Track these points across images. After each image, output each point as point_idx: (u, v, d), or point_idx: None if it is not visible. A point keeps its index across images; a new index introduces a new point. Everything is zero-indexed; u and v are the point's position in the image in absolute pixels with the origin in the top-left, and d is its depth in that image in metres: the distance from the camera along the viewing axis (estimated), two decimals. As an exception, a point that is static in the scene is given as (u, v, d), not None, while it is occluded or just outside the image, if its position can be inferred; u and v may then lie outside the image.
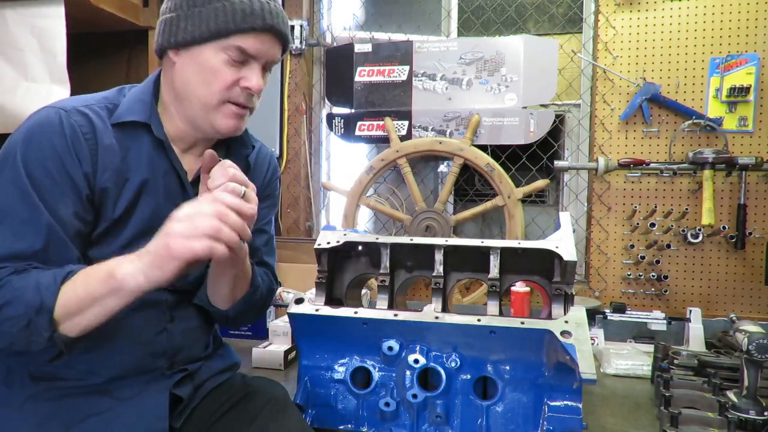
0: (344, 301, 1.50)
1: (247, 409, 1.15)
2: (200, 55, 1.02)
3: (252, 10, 0.99)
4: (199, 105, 1.04)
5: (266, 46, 1.04)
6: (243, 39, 1.01)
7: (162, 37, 1.05)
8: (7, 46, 2.16)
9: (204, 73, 1.02)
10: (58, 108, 1.00)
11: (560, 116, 2.53)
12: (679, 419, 1.32)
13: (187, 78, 1.04)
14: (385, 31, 2.76)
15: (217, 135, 1.09)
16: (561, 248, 1.32)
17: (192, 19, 1.00)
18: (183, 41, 1.02)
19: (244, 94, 1.04)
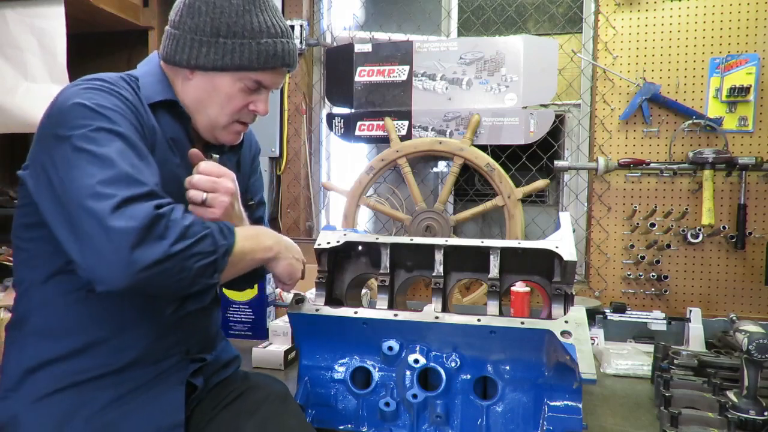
0: (344, 301, 1.50)
1: (249, 403, 1.17)
2: (217, 80, 1.10)
3: (275, 53, 1.10)
4: (208, 120, 1.13)
5: (279, 79, 1.16)
6: (262, 75, 1.11)
7: (180, 54, 1.10)
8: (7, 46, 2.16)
9: (218, 97, 1.11)
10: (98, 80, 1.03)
11: (560, 116, 2.53)
12: (679, 419, 1.32)
13: (201, 96, 1.12)
14: (385, 31, 2.76)
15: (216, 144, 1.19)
16: (561, 248, 1.32)
17: (216, 48, 1.07)
18: (204, 66, 1.09)
19: (251, 116, 1.17)
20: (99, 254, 0.85)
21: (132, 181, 0.90)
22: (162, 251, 0.87)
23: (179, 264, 0.89)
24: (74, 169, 0.90)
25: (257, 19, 1.08)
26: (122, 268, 0.84)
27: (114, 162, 0.90)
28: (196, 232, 0.92)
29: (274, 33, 1.09)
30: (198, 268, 0.91)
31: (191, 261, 0.90)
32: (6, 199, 2.49)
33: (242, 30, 1.07)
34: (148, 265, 0.85)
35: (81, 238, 0.87)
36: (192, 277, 0.92)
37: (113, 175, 0.89)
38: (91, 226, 0.86)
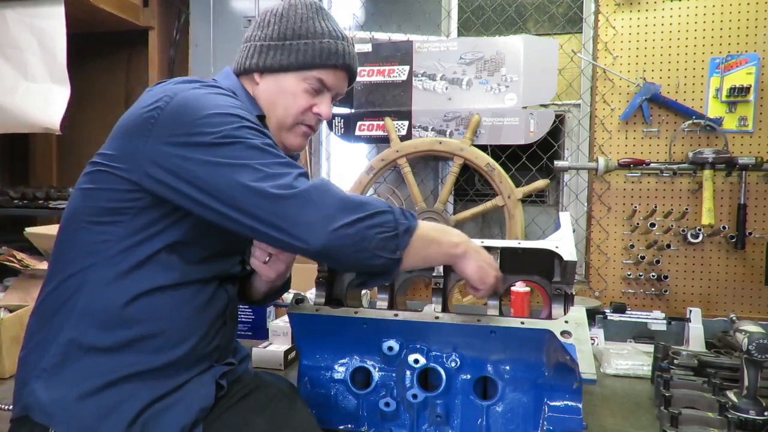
0: (344, 301, 1.50)
1: (259, 400, 1.19)
2: (284, 81, 1.17)
3: (336, 50, 1.17)
4: (276, 122, 1.18)
5: (340, 81, 1.22)
6: (324, 73, 1.18)
7: (250, 60, 1.19)
8: (7, 46, 2.16)
9: (285, 98, 1.17)
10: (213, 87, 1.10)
11: (560, 116, 2.53)
12: (679, 419, 1.32)
13: (269, 98, 1.18)
14: (385, 31, 2.76)
15: (284, 150, 1.19)
16: (561, 248, 1.32)
17: (282, 50, 1.16)
18: (271, 67, 1.17)
19: (314, 119, 1.21)
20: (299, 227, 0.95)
21: (289, 164, 0.99)
22: (350, 215, 0.96)
23: (362, 232, 0.96)
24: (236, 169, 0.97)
25: (320, 24, 1.17)
26: (321, 227, 0.94)
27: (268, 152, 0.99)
28: (378, 205, 0.99)
29: (335, 36, 1.18)
30: (379, 239, 0.98)
31: (373, 231, 0.97)
32: (6, 199, 2.49)
33: (306, 32, 1.16)
34: (341, 225, 0.95)
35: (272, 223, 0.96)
36: (373, 248, 0.98)
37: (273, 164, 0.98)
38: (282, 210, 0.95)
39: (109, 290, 1.02)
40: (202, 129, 0.98)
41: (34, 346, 1.05)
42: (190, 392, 1.08)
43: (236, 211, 0.97)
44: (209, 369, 1.13)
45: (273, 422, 1.14)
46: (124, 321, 1.03)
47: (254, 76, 1.19)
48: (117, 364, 1.01)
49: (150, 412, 1.01)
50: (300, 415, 1.19)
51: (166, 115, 1.00)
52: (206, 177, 0.97)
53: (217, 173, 0.97)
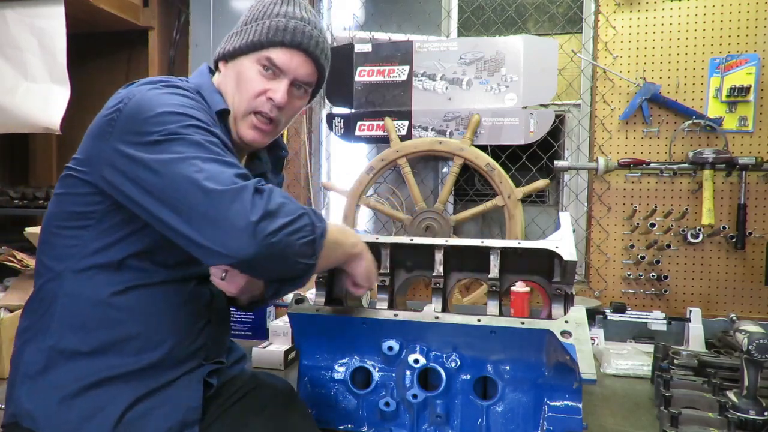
0: (344, 301, 1.50)
1: (256, 401, 1.19)
2: (240, 65, 1.14)
3: (285, 27, 1.12)
4: (233, 112, 1.15)
5: (294, 63, 1.13)
6: (273, 51, 1.12)
7: (218, 50, 1.19)
8: (7, 46, 2.16)
9: (239, 82, 1.13)
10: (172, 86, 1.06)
11: (560, 116, 2.53)
12: (679, 419, 1.32)
13: (227, 84, 1.16)
14: (385, 31, 2.76)
15: (241, 144, 1.17)
16: (561, 248, 1.32)
17: (241, 34, 1.14)
18: (230, 53, 1.15)
19: (268, 105, 1.14)
20: (224, 229, 0.89)
21: (229, 164, 0.95)
22: (275, 221, 0.90)
23: (285, 239, 0.91)
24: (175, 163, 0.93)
25: (282, 7, 1.14)
26: (250, 236, 0.88)
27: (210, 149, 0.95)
28: (297, 209, 0.95)
29: (291, 15, 1.13)
30: (300, 245, 0.94)
31: (295, 237, 0.93)
32: (6, 199, 2.49)
33: (263, 15, 1.13)
34: (270, 233, 0.89)
35: (200, 221, 0.90)
36: (295, 255, 0.94)
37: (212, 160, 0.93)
38: (212, 206, 0.89)
39: (82, 295, 1.02)
40: (149, 128, 0.96)
41: (20, 351, 1.06)
42: (177, 392, 1.07)
43: (167, 209, 0.93)
44: (197, 368, 1.12)
45: (271, 424, 1.13)
46: (101, 325, 1.02)
47: (220, 66, 1.18)
48: (98, 367, 1.01)
49: (134, 413, 1.01)
50: (298, 415, 1.19)
51: (123, 116, 0.99)
52: (145, 175, 0.94)
53: (155, 170, 0.94)
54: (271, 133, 1.19)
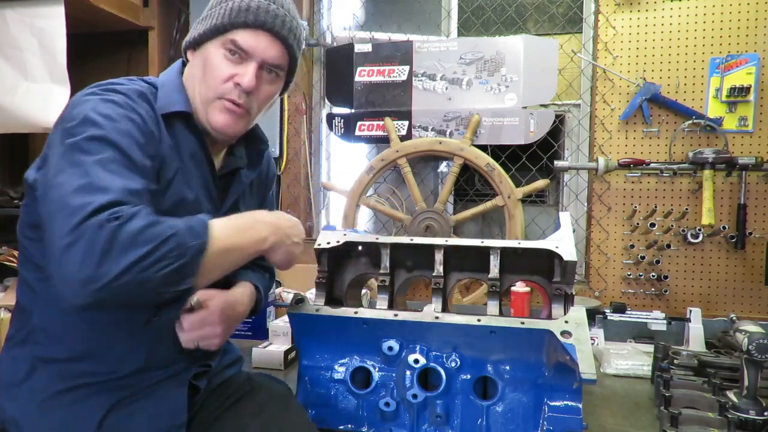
0: (344, 301, 1.50)
1: (253, 403, 1.17)
2: (205, 52, 1.08)
3: (248, 7, 1.05)
4: (200, 99, 1.08)
5: (261, 45, 1.06)
6: (237, 34, 1.05)
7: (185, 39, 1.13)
8: (7, 46, 2.16)
9: (206, 68, 1.07)
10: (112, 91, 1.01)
11: (560, 116, 2.53)
12: (679, 419, 1.32)
13: (194, 73, 1.10)
14: (385, 31, 2.76)
15: (213, 132, 1.10)
16: (561, 248, 1.32)
17: (205, 19, 1.09)
18: (195, 40, 1.10)
19: (236, 91, 1.06)
20: (60, 271, 0.81)
21: (100, 190, 0.85)
22: (119, 267, 0.80)
23: (138, 276, 0.81)
24: (58, 175, 0.88)
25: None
26: (79, 288, 0.79)
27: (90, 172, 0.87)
28: (157, 234, 0.83)
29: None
30: (162, 276, 0.83)
31: (152, 270, 0.82)
32: (6, 199, 2.49)
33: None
34: (105, 283, 0.79)
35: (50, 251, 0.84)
36: (156, 287, 0.83)
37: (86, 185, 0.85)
38: (55, 241, 0.82)
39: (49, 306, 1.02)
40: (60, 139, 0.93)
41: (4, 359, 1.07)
42: (160, 397, 1.06)
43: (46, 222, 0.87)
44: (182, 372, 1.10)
45: (267, 427, 1.12)
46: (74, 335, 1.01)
47: (188, 55, 1.12)
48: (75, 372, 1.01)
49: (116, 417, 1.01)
50: (295, 418, 1.17)
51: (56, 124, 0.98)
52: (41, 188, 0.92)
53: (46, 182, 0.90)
54: (244, 118, 1.10)
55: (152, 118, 1.03)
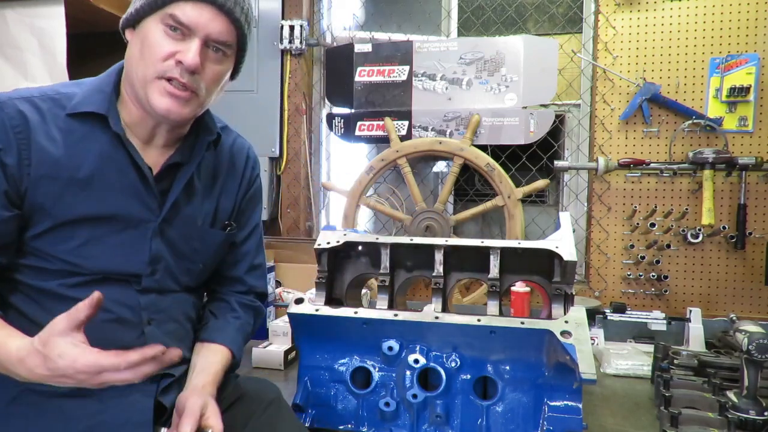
0: (344, 301, 1.50)
1: (241, 412, 1.13)
2: (144, 29, 0.99)
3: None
4: (138, 81, 1.00)
5: (204, 19, 0.98)
6: (177, 7, 0.97)
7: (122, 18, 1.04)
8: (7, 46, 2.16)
9: (144, 47, 0.99)
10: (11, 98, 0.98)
11: (560, 116, 2.53)
12: (679, 419, 1.32)
13: (132, 54, 1.01)
14: (385, 31, 2.76)
15: (156, 116, 1.02)
16: (561, 248, 1.32)
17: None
18: (131, 17, 1.01)
19: (178, 69, 0.98)
20: None
21: None
22: None
23: None
24: None
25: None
26: None
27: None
28: None
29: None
30: None
31: None
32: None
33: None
34: None
35: None
36: None
37: None
38: None
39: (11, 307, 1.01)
40: None
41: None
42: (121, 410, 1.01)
43: None
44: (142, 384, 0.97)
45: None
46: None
47: (127, 36, 1.04)
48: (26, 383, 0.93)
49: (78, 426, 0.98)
50: (286, 424, 1.13)
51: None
52: None
53: None
54: (191, 102, 1.01)
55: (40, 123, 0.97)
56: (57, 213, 0.99)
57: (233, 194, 1.22)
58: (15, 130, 0.96)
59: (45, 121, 0.99)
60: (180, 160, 1.09)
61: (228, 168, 1.20)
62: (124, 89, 1.05)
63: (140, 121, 1.05)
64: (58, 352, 0.82)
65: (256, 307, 1.30)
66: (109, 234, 1.02)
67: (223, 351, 1.16)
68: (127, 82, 1.04)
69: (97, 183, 1.01)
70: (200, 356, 1.14)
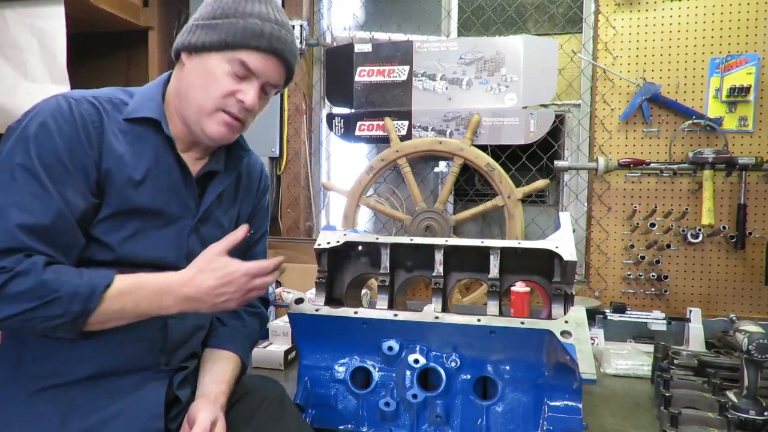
0: (344, 301, 1.50)
1: (244, 409, 1.16)
2: (208, 61, 1.09)
3: (261, 32, 1.08)
4: (195, 107, 1.09)
5: (268, 68, 1.10)
6: (247, 55, 1.08)
7: (180, 39, 1.13)
8: (7, 46, 2.16)
9: (206, 78, 1.08)
10: (67, 97, 1.05)
11: (560, 116, 2.53)
12: (679, 419, 1.32)
13: (192, 80, 1.10)
14: (385, 31, 2.76)
15: (206, 140, 1.13)
16: (561, 248, 1.32)
17: (210, 28, 1.08)
18: (195, 45, 1.09)
19: (237, 106, 1.10)
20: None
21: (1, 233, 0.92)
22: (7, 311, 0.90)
23: (22, 323, 0.92)
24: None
25: (253, 6, 1.09)
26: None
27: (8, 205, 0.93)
28: (42, 295, 0.92)
29: (266, 17, 1.09)
30: (44, 328, 0.93)
31: (35, 322, 0.92)
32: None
33: (235, 12, 1.08)
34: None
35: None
36: (41, 331, 0.94)
37: None
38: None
39: None
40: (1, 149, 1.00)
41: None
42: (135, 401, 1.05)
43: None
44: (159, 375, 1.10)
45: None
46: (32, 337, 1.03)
47: (183, 57, 1.12)
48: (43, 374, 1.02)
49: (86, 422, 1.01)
50: (289, 422, 1.16)
51: None
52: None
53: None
54: (239, 130, 1.15)
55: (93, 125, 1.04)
56: (116, 202, 1.05)
57: (250, 203, 1.32)
58: (93, 125, 1.04)
59: (110, 121, 1.07)
60: (216, 168, 1.19)
61: (246, 179, 1.30)
62: (171, 104, 1.14)
63: (182, 134, 1.14)
64: (223, 263, 1.02)
65: (260, 314, 1.34)
66: (153, 228, 1.08)
67: (234, 359, 1.21)
68: (179, 100, 1.12)
69: (149, 180, 1.09)
70: (213, 362, 1.18)
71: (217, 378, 1.14)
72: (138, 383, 1.07)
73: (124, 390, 1.05)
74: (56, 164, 0.98)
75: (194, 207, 1.15)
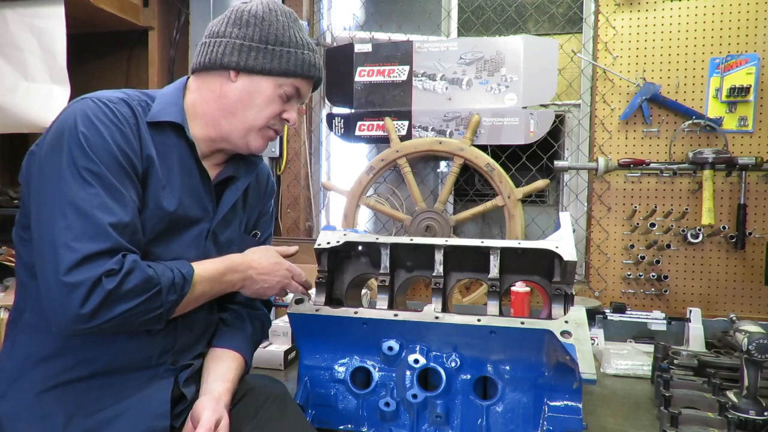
0: (344, 301, 1.50)
1: (247, 407, 1.17)
2: (261, 83, 1.17)
3: (312, 64, 1.21)
4: (245, 124, 1.17)
5: (309, 90, 1.25)
6: (300, 82, 1.20)
7: (228, 57, 1.15)
8: (7, 46, 2.16)
9: (259, 99, 1.17)
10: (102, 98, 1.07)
11: (560, 116, 2.53)
12: (679, 419, 1.32)
13: (242, 98, 1.17)
14: (385, 31, 2.76)
15: (244, 151, 1.22)
16: (561, 248, 1.32)
17: (265, 53, 1.16)
18: (252, 68, 1.15)
19: (281, 124, 1.23)
20: (52, 300, 0.94)
21: (98, 235, 0.95)
22: (108, 314, 0.94)
23: (124, 321, 0.96)
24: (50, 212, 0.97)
25: (298, 35, 1.19)
26: (70, 322, 0.93)
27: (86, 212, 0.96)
28: (147, 289, 0.98)
29: (311, 48, 1.22)
30: (141, 321, 0.99)
31: (135, 317, 0.97)
32: (6, 199, 2.49)
33: (288, 41, 1.17)
34: (95, 325, 0.94)
35: (43, 278, 0.96)
36: (136, 325, 1.00)
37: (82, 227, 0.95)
38: (52, 273, 0.93)
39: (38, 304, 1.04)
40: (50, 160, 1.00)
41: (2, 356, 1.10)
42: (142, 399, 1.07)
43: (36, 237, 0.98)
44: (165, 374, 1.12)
45: (262, 430, 1.12)
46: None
47: (230, 73, 1.16)
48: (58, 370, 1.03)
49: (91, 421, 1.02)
50: (292, 419, 1.17)
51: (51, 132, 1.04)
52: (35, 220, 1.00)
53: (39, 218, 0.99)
54: None
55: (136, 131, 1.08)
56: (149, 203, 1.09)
57: (258, 208, 1.39)
58: (134, 127, 1.08)
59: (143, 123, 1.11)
60: (234, 174, 1.25)
61: (255, 184, 1.37)
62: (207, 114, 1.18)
63: (203, 141, 1.19)
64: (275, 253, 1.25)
65: (262, 316, 1.37)
66: (172, 231, 1.12)
67: (237, 358, 1.23)
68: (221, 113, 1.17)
69: (173, 181, 1.13)
70: (217, 361, 1.21)
71: (221, 377, 1.16)
72: (144, 382, 1.09)
73: (130, 388, 1.07)
74: (116, 166, 1.02)
75: (212, 210, 1.20)
